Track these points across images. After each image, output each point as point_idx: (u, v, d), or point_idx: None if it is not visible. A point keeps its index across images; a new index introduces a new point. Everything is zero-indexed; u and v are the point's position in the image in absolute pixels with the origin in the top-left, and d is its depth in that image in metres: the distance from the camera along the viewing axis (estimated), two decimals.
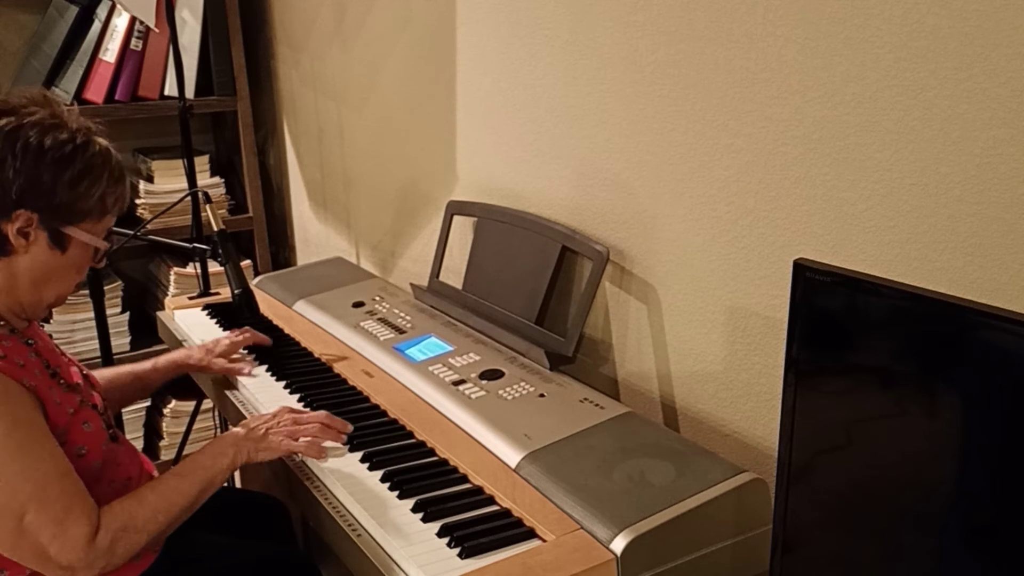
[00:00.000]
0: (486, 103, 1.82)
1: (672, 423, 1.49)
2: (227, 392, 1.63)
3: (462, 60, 1.87)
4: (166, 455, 2.70)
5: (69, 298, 2.51)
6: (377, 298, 1.93)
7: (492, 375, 1.50)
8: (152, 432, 2.75)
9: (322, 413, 1.39)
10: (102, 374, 1.58)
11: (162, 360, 1.65)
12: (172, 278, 2.67)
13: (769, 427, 1.32)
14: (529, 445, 1.28)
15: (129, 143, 2.83)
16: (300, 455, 1.34)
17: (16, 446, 1.14)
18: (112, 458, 1.31)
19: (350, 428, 1.39)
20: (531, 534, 1.14)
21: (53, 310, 2.50)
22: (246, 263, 2.79)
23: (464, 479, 1.27)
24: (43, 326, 1.42)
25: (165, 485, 1.26)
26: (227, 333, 1.74)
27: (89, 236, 1.27)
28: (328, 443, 1.35)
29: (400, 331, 1.73)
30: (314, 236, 2.77)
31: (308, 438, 1.35)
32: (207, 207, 1.87)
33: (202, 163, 2.74)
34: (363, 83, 2.28)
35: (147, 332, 2.63)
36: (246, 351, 1.73)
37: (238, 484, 2.12)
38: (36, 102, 1.25)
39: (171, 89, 2.59)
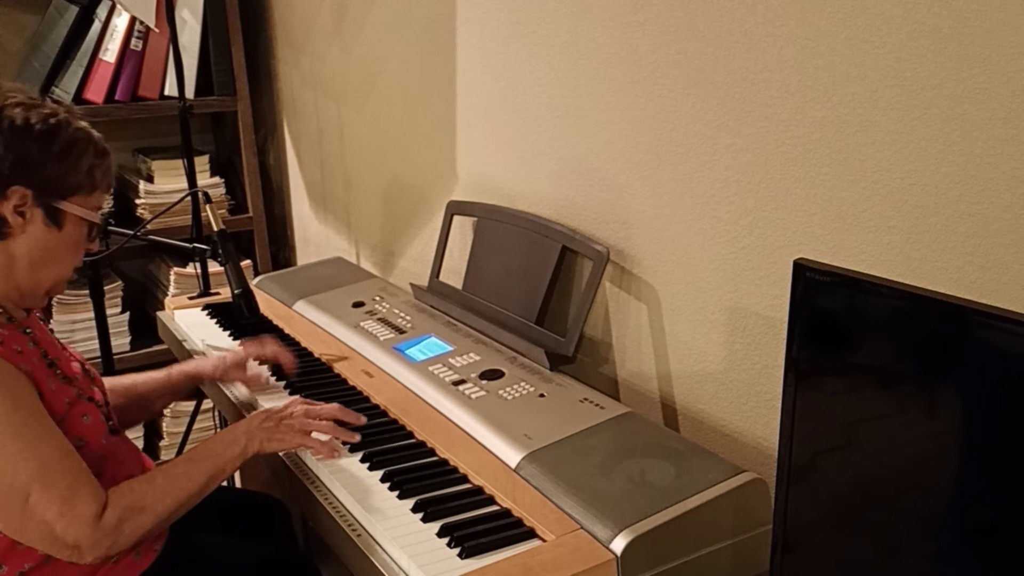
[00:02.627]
0: (486, 103, 1.82)
1: (672, 423, 1.49)
2: (227, 392, 1.63)
3: (462, 60, 1.86)
4: (166, 455, 2.70)
5: (69, 298, 2.53)
6: (377, 298, 1.93)
7: (492, 375, 1.50)
8: (152, 432, 2.76)
9: (335, 405, 1.39)
10: (111, 386, 1.55)
11: (175, 372, 1.60)
12: (172, 278, 2.67)
13: (769, 427, 1.32)
14: (529, 445, 1.28)
15: (129, 143, 2.83)
16: (310, 452, 1.34)
17: (17, 426, 1.16)
18: (113, 453, 1.32)
19: (363, 420, 1.38)
20: (531, 534, 1.14)
21: (53, 310, 2.52)
22: (246, 263, 2.79)
23: (464, 479, 1.27)
24: (44, 322, 1.42)
25: (175, 469, 1.27)
26: (252, 346, 1.66)
27: (83, 211, 1.29)
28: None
29: (400, 331, 1.73)
30: (314, 236, 2.77)
31: (319, 434, 1.34)
32: (207, 207, 1.87)
33: (202, 163, 2.74)
34: (363, 83, 2.28)
35: (147, 332, 2.63)
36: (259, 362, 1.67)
37: (238, 484, 2.12)
38: (13, 88, 1.29)
39: (171, 89, 2.59)
